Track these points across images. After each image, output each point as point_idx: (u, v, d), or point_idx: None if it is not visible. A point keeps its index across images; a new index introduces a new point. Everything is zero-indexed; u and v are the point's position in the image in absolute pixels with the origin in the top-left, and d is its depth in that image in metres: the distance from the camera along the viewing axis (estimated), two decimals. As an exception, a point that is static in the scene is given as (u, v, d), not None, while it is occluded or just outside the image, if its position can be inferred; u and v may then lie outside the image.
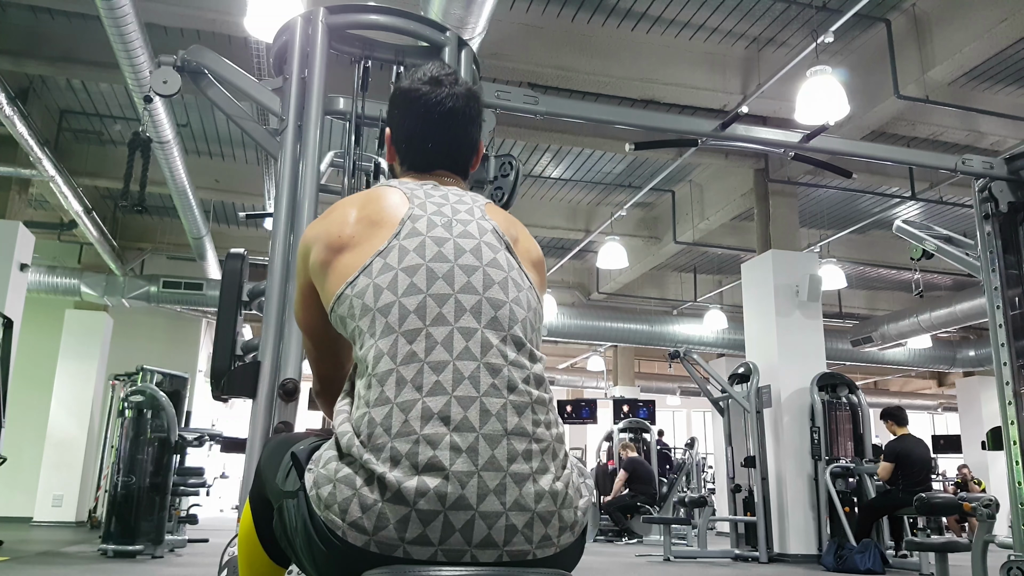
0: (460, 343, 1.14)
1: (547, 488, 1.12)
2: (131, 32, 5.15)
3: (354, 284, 1.21)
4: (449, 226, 1.26)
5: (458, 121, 1.41)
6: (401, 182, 1.37)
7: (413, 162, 1.42)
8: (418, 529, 1.05)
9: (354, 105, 2.85)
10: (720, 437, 9.50)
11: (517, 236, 1.34)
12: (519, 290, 1.24)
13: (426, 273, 1.19)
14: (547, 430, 1.16)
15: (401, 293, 1.17)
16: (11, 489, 10.25)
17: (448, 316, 1.16)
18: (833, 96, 5.66)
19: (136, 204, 4.09)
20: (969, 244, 5.14)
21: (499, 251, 1.26)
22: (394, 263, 1.20)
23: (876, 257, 11.58)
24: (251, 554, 1.42)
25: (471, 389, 1.12)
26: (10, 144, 7.35)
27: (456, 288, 1.18)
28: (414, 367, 1.13)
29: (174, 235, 10.92)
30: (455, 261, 1.21)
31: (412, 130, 1.41)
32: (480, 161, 1.50)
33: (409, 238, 1.23)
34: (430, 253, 1.21)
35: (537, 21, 6.63)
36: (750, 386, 7.93)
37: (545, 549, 1.12)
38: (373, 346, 1.16)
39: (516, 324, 1.20)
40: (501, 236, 1.29)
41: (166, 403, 6.59)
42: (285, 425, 2.28)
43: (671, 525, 8.05)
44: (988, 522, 4.08)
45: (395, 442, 1.09)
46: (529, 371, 1.18)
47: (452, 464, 1.07)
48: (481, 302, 1.18)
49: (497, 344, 1.16)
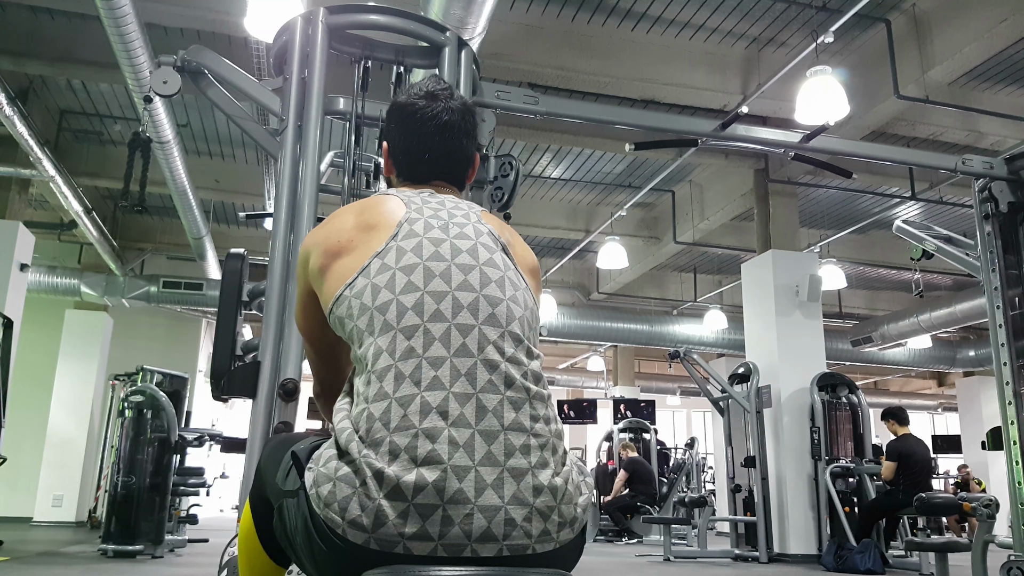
0: (458, 339, 1.16)
1: (546, 483, 1.13)
2: (131, 32, 5.15)
3: (352, 285, 1.23)
4: (446, 228, 1.28)
5: (454, 134, 1.43)
6: (398, 191, 1.40)
7: (410, 174, 1.45)
8: (417, 524, 1.06)
9: (354, 105, 2.85)
10: (720, 437, 9.51)
11: (512, 242, 1.37)
12: (516, 289, 1.26)
13: (423, 271, 1.20)
14: (545, 425, 1.17)
15: (399, 291, 1.19)
16: (11, 489, 10.25)
17: (446, 313, 1.17)
18: (833, 96, 5.66)
19: (136, 204, 4.09)
20: (969, 244, 5.14)
21: (495, 252, 1.28)
22: (392, 263, 1.22)
23: (876, 257, 11.58)
24: (251, 554, 1.42)
25: (468, 385, 1.13)
26: (10, 144, 7.35)
27: (453, 286, 1.20)
28: (412, 362, 1.14)
29: (174, 235, 10.92)
30: (452, 260, 1.23)
31: (409, 143, 1.44)
32: (476, 173, 1.53)
33: (406, 239, 1.25)
34: (427, 252, 1.23)
35: (537, 21, 6.63)
36: (750, 386, 7.93)
37: (544, 544, 1.12)
38: (372, 344, 1.18)
39: (513, 321, 1.21)
40: (497, 238, 1.32)
41: (166, 403, 6.59)
42: (285, 425, 2.28)
43: (671, 525, 8.05)
44: (988, 522, 4.08)
45: (394, 436, 1.10)
46: (527, 367, 1.19)
47: (450, 458, 1.08)
48: (478, 299, 1.20)
49: (495, 340, 1.17)
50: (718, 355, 13.22)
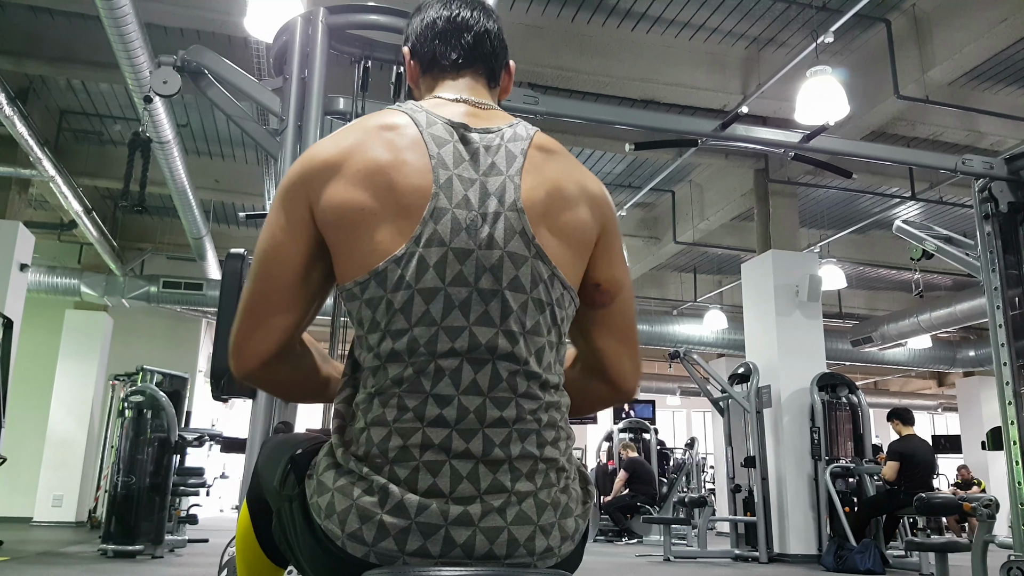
0: (468, 376, 1.08)
1: (549, 501, 1.10)
2: (131, 32, 5.15)
3: (366, 286, 1.10)
4: (474, 230, 1.10)
5: (482, 11, 1.30)
6: (428, 122, 1.16)
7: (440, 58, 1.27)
8: (418, 542, 1.04)
9: (354, 105, 2.85)
10: (720, 437, 9.51)
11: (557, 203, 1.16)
12: (541, 312, 1.13)
13: (443, 301, 1.09)
14: (554, 447, 1.13)
15: (415, 322, 1.08)
16: (11, 489, 10.24)
17: (460, 349, 1.08)
18: (833, 96, 5.65)
19: (136, 204, 4.09)
20: (969, 244, 5.13)
21: (524, 264, 1.11)
22: (411, 280, 1.08)
23: (876, 257, 11.58)
24: (249, 555, 1.41)
25: (474, 422, 1.08)
26: (10, 144, 7.35)
27: (471, 319, 1.09)
28: (418, 397, 1.07)
29: (174, 235, 10.92)
30: (475, 284, 1.09)
31: (434, 22, 1.29)
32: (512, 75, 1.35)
33: (429, 248, 1.08)
34: (451, 273, 1.09)
35: (537, 21, 6.63)
36: (750, 386, 7.93)
37: (547, 560, 1.11)
38: (380, 367, 1.10)
39: (531, 356, 1.12)
40: (531, 241, 1.12)
41: (166, 403, 6.59)
42: (285, 425, 2.28)
43: (671, 525, 8.05)
44: (988, 522, 4.09)
45: (394, 466, 1.06)
46: (541, 401, 1.12)
47: (452, 491, 1.05)
48: (497, 335, 1.10)
49: (507, 378, 1.10)
50: (718, 355, 13.21)
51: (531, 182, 1.15)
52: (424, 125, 1.15)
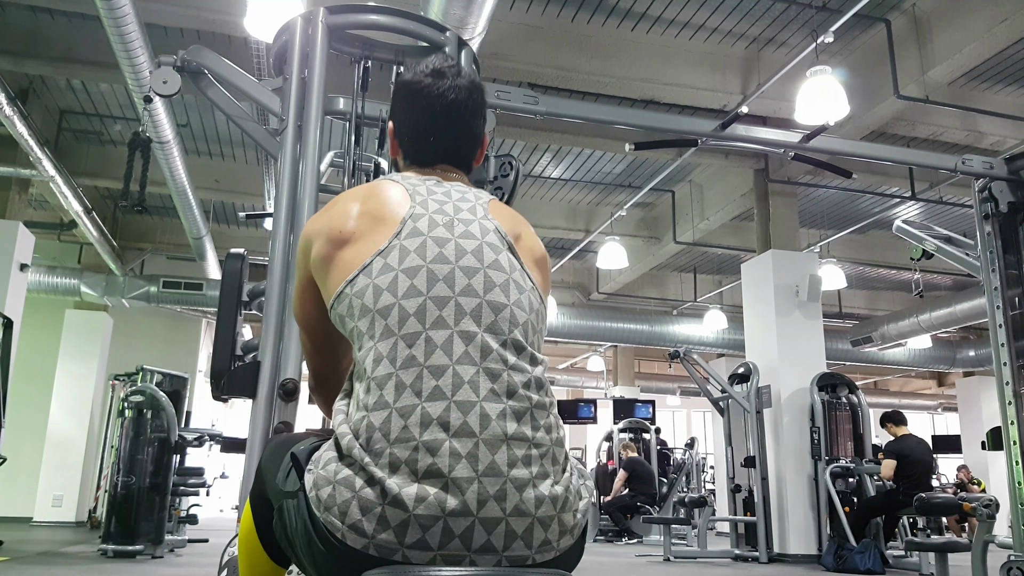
0: (460, 347, 1.13)
1: (547, 493, 1.12)
2: (131, 32, 5.15)
3: (353, 283, 1.20)
4: (451, 226, 1.24)
5: (461, 114, 1.38)
6: (404, 177, 1.35)
7: (416, 156, 1.40)
8: (417, 534, 1.05)
9: (354, 105, 2.85)
10: (720, 437, 9.51)
11: (520, 233, 1.33)
12: (520, 292, 1.22)
13: (426, 275, 1.18)
14: (547, 434, 1.16)
15: (401, 295, 1.16)
16: (11, 489, 10.24)
17: (448, 319, 1.15)
18: (833, 96, 5.65)
19: (136, 204, 4.09)
20: (969, 244, 5.14)
21: (501, 252, 1.24)
22: (394, 264, 1.19)
23: (876, 257, 11.58)
24: (251, 554, 1.42)
25: (471, 394, 1.11)
26: (10, 144, 7.35)
27: (456, 291, 1.17)
28: (413, 371, 1.12)
29: (174, 235, 10.93)
30: (456, 263, 1.19)
31: (415, 123, 1.39)
32: (484, 155, 1.47)
33: (410, 238, 1.21)
34: (431, 254, 1.19)
35: (537, 21, 6.63)
36: (750, 386, 7.93)
37: (544, 554, 1.12)
38: (372, 349, 1.16)
39: (517, 328, 1.19)
40: (503, 236, 1.27)
41: (166, 403, 6.59)
42: (285, 425, 2.28)
43: (671, 525, 8.05)
44: (988, 522, 4.09)
45: (394, 448, 1.08)
46: (530, 375, 1.17)
47: (451, 471, 1.07)
48: (481, 305, 1.17)
49: (497, 348, 1.15)
50: (718, 355, 13.22)
51: (495, 210, 1.33)
52: (400, 179, 1.34)
